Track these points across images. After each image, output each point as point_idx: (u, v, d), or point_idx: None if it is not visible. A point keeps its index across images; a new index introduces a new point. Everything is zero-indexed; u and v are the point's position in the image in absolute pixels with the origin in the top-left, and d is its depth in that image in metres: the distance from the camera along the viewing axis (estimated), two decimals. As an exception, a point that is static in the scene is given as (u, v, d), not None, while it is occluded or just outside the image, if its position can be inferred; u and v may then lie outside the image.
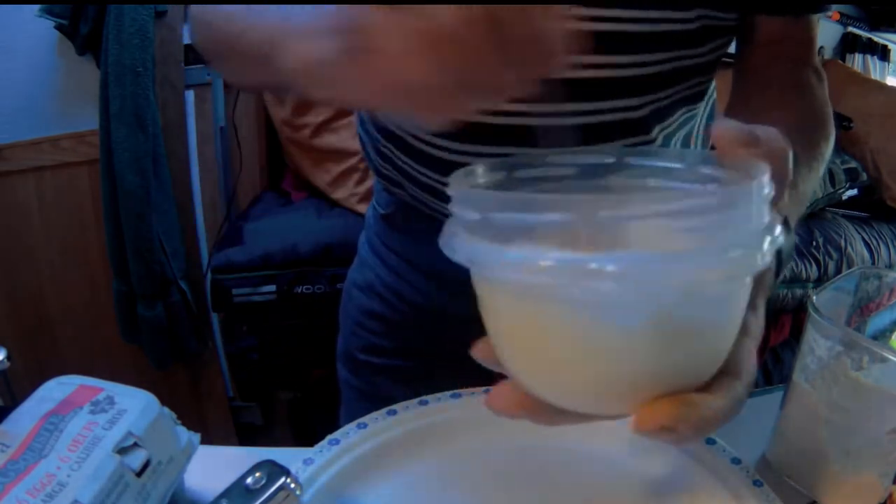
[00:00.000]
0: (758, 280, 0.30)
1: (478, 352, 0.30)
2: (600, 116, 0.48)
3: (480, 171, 0.30)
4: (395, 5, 0.24)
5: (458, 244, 0.26)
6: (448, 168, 0.53)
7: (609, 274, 0.22)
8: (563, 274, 0.23)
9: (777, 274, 0.36)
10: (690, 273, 0.23)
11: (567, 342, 0.26)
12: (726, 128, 0.29)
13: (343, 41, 0.26)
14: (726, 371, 0.28)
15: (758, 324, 0.30)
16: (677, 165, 0.31)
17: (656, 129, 0.51)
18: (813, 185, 0.45)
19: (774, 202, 0.29)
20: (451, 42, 0.24)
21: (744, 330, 0.29)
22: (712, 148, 0.30)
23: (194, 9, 0.43)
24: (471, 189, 0.26)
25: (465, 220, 0.26)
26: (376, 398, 0.51)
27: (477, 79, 0.25)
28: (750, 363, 0.29)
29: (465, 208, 0.26)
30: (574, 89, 0.47)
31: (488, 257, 0.25)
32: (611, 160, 0.32)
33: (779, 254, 0.36)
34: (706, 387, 0.27)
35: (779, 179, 0.29)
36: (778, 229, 0.25)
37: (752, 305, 0.29)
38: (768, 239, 0.24)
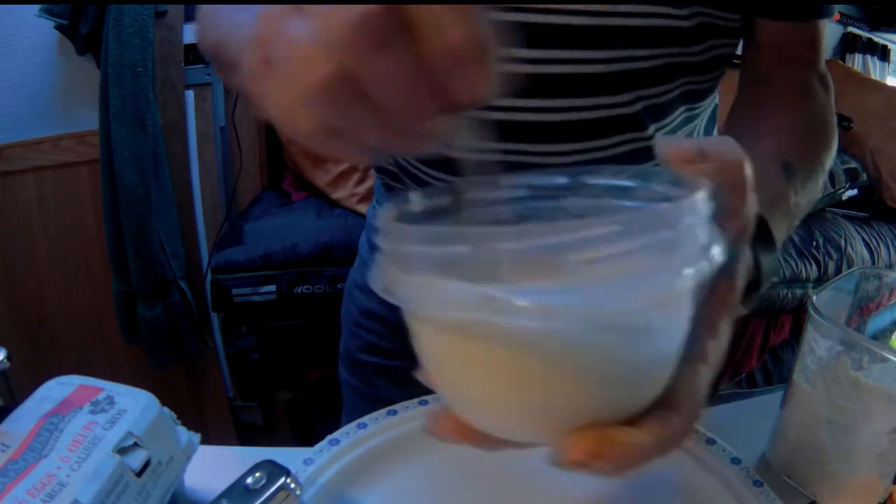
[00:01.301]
0: (719, 301, 0.28)
1: (420, 375, 0.30)
2: (590, 112, 0.48)
3: (417, 199, 0.29)
4: (299, 8, 0.22)
5: (377, 275, 0.26)
6: (445, 163, 0.53)
7: (522, 308, 0.22)
8: (473, 309, 0.22)
9: (756, 289, 0.35)
10: (607, 304, 0.22)
11: (480, 373, 0.25)
12: (669, 145, 0.28)
13: (261, 52, 0.23)
14: (664, 402, 0.26)
15: (718, 349, 0.28)
16: (631, 184, 0.30)
17: (652, 127, 0.50)
18: (811, 195, 0.44)
19: (734, 212, 0.28)
20: (347, 45, 0.21)
21: (699, 357, 0.27)
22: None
23: (199, 10, 0.43)
24: (387, 222, 0.25)
25: (384, 251, 0.26)
26: (376, 399, 0.51)
27: (384, 91, 0.22)
28: (698, 393, 0.27)
29: (384, 240, 0.26)
30: (560, 85, 0.47)
31: (400, 287, 0.24)
32: (564, 180, 0.31)
33: (757, 268, 0.34)
34: (636, 419, 0.26)
35: (735, 189, 0.28)
36: (717, 250, 0.24)
37: (710, 329, 0.28)
38: (700, 262, 0.23)
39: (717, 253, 0.24)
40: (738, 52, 0.54)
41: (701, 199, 0.24)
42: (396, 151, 0.26)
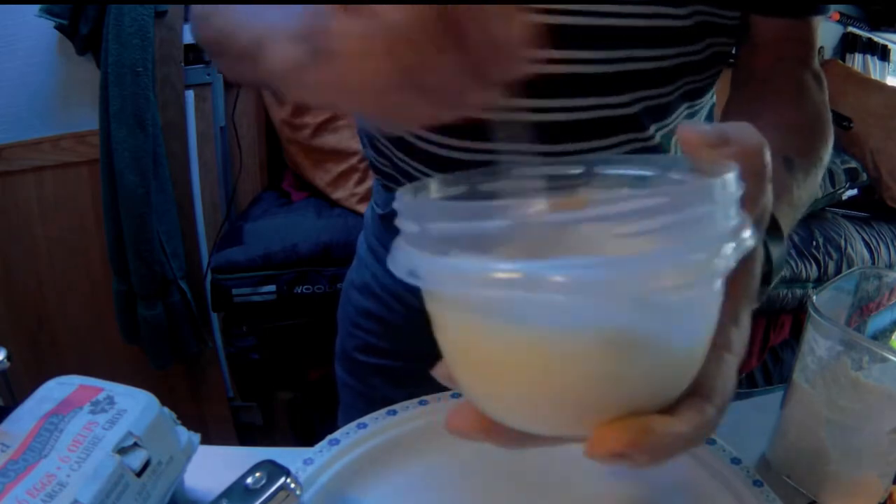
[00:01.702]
0: (740, 290, 0.28)
1: (437, 371, 0.29)
2: (591, 112, 0.48)
3: (434, 186, 0.29)
4: (351, 7, 0.24)
5: (400, 257, 0.25)
6: (443, 165, 0.53)
7: (555, 284, 0.20)
8: (505, 285, 0.21)
9: (767, 282, 0.34)
10: (643, 279, 0.21)
11: (509, 358, 0.24)
12: (692, 130, 0.27)
13: (307, 45, 0.25)
14: (696, 391, 0.26)
15: (741, 338, 0.28)
16: (649, 172, 0.29)
17: (653, 128, 0.50)
18: (811, 190, 0.44)
19: (754, 199, 0.27)
20: (404, 43, 0.23)
21: (724, 345, 0.27)
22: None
23: (195, 6, 0.43)
24: (412, 199, 0.25)
25: (407, 232, 0.25)
26: (373, 399, 0.51)
27: (434, 80, 0.25)
28: (726, 383, 0.27)
29: (406, 221, 0.25)
30: (560, 85, 0.47)
31: (426, 269, 0.23)
32: (578, 170, 0.30)
33: (769, 261, 0.34)
34: (671, 408, 0.25)
35: (755, 176, 0.27)
36: (748, 233, 0.23)
37: (732, 318, 0.27)
38: (732, 242, 0.22)
39: (749, 236, 0.23)
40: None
41: (733, 179, 0.24)
42: (441, 122, 0.27)
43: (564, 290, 0.21)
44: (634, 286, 0.21)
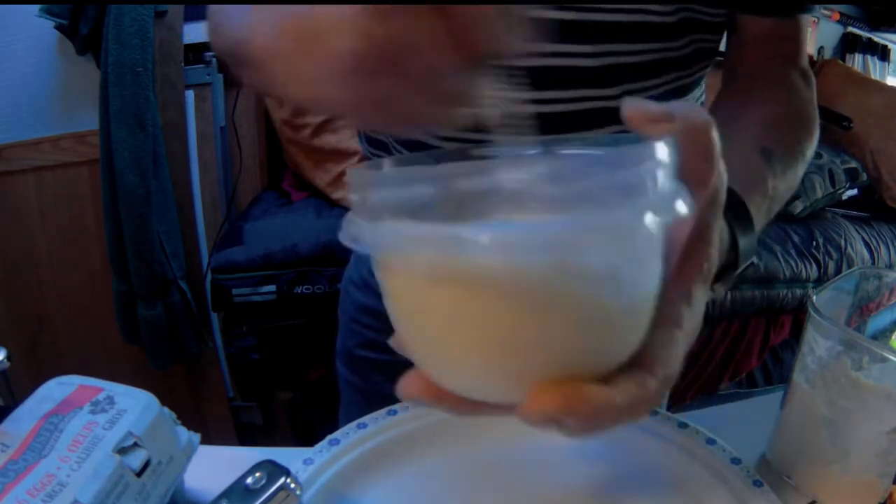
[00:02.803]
0: (693, 267, 0.28)
1: (392, 341, 0.29)
2: (577, 104, 0.48)
3: (387, 163, 0.29)
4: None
5: (344, 226, 0.25)
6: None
7: (482, 245, 0.21)
8: (436, 246, 0.22)
9: (732, 268, 0.34)
10: (564, 238, 0.22)
11: (447, 321, 0.24)
12: (635, 105, 0.27)
13: (293, 34, 0.25)
14: (638, 363, 0.25)
15: (693, 317, 0.27)
16: (604, 152, 0.29)
17: None
18: (790, 183, 0.44)
19: (702, 178, 0.27)
20: (382, 19, 0.22)
21: (673, 321, 0.27)
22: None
23: (209, 10, 0.43)
24: (359, 173, 0.25)
25: (353, 202, 0.25)
26: (374, 395, 0.51)
27: (416, 62, 0.23)
28: (671, 358, 0.26)
29: (351, 192, 0.25)
30: (547, 77, 0.47)
31: (365, 234, 0.24)
32: (535, 151, 0.31)
33: (734, 249, 0.34)
34: (610, 377, 0.25)
35: (701, 153, 0.27)
36: (679, 202, 0.23)
37: (684, 294, 0.27)
38: (660, 207, 0.23)
39: (681, 205, 0.23)
40: (721, 48, 0.55)
41: (662, 147, 0.24)
42: (432, 119, 0.26)
43: (491, 251, 0.21)
44: (556, 245, 0.22)
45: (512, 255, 0.22)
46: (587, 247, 0.22)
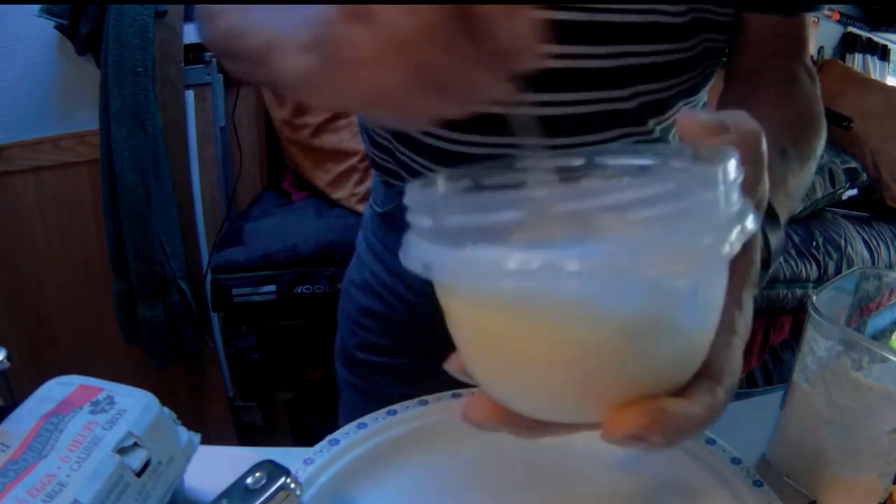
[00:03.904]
0: (741, 274, 0.28)
1: (450, 364, 0.29)
2: (589, 106, 0.48)
3: (440, 181, 0.29)
4: (357, 12, 0.24)
5: (414, 251, 0.25)
6: (447, 159, 0.53)
7: (568, 271, 0.21)
8: (520, 275, 0.22)
9: (766, 267, 0.35)
10: (653, 263, 0.22)
11: (525, 345, 0.24)
12: (692, 118, 0.28)
13: (320, 52, 0.25)
14: (706, 373, 0.26)
15: (744, 321, 0.29)
16: (649, 161, 0.29)
17: (651, 122, 0.51)
18: (805, 181, 0.45)
19: (753, 186, 0.28)
20: (416, 45, 0.24)
21: (728, 328, 0.27)
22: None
23: (201, 6, 0.43)
24: (423, 194, 0.25)
25: (420, 227, 0.25)
26: (375, 397, 0.51)
27: (448, 79, 0.25)
28: (733, 364, 0.27)
29: (419, 215, 0.25)
30: (558, 79, 0.47)
31: (442, 262, 0.24)
32: (580, 161, 0.31)
33: (767, 248, 0.35)
34: (683, 391, 0.25)
35: (753, 163, 0.28)
36: (750, 218, 0.24)
37: (736, 301, 0.28)
38: (736, 227, 0.23)
39: (751, 221, 0.24)
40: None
41: (733, 166, 0.24)
42: (453, 116, 0.28)
43: (573, 275, 0.21)
44: (645, 270, 0.22)
45: (599, 283, 0.22)
46: (675, 271, 0.23)
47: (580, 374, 0.25)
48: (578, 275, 0.21)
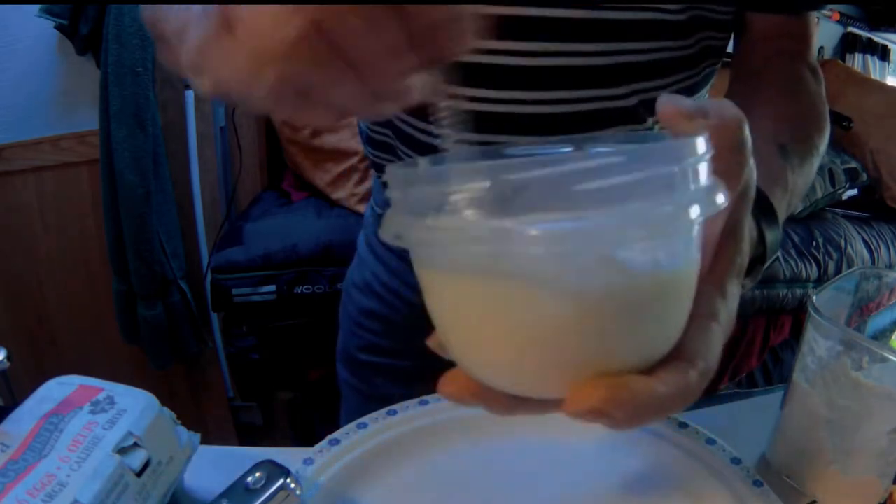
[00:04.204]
0: (726, 260, 0.28)
1: (431, 341, 0.29)
2: (587, 104, 0.48)
3: (422, 162, 0.29)
4: (227, 22, 0.22)
5: (386, 223, 0.25)
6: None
7: (528, 238, 0.21)
8: (481, 241, 0.22)
9: (761, 262, 0.35)
10: (610, 235, 0.22)
11: (492, 316, 0.24)
12: (670, 102, 0.28)
13: (216, 18, 0.23)
14: (678, 355, 0.26)
15: (727, 310, 0.28)
16: (638, 148, 0.29)
17: (650, 120, 0.51)
18: (807, 178, 0.45)
19: (735, 173, 0.28)
20: (277, 58, 0.22)
21: (709, 314, 0.27)
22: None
23: None
24: (396, 169, 0.25)
25: (394, 199, 0.25)
26: (376, 398, 0.51)
27: (357, 49, 0.22)
28: (711, 350, 0.26)
29: (392, 189, 0.25)
30: (556, 77, 0.47)
31: (408, 231, 0.24)
32: (567, 149, 0.31)
33: (763, 243, 0.35)
34: (651, 370, 0.25)
35: (734, 149, 0.28)
36: (719, 194, 0.24)
37: (719, 288, 0.28)
38: (702, 201, 0.23)
39: (720, 197, 0.24)
40: (729, 48, 0.55)
41: (701, 143, 0.24)
42: (366, 112, 0.26)
43: (535, 244, 0.21)
44: (603, 242, 0.22)
45: (559, 250, 0.22)
46: (633, 241, 0.23)
47: (542, 348, 0.24)
48: (537, 244, 0.21)
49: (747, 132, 0.28)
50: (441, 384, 0.28)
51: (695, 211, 0.23)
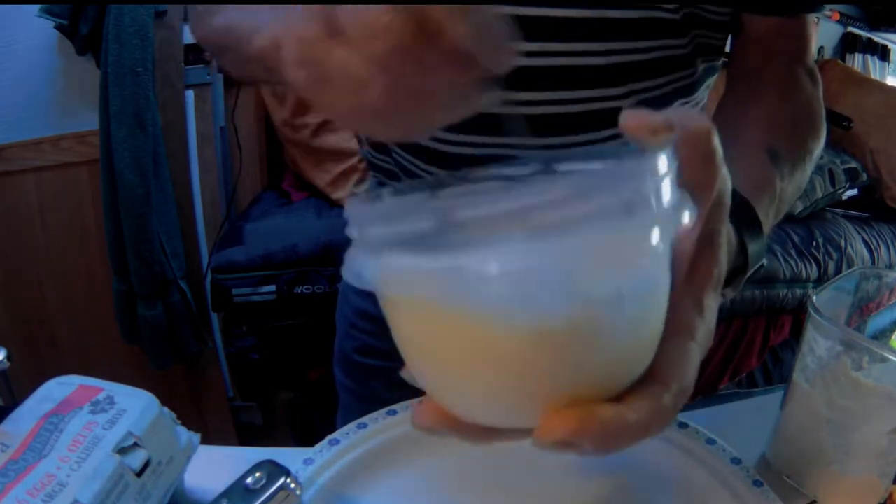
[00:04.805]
0: (703, 275, 0.27)
1: (403, 373, 0.29)
2: (584, 105, 0.48)
3: (387, 193, 0.29)
4: (333, 31, 0.25)
5: (347, 262, 0.25)
6: (442, 160, 0.53)
7: (485, 276, 0.21)
8: (439, 279, 0.22)
9: (741, 273, 0.34)
10: (570, 265, 0.21)
11: (455, 352, 0.24)
12: (634, 116, 0.27)
13: (308, 72, 0.26)
14: (651, 378, 0.25)
15: (704, 325, 0.27)
16: (601, 166, 0.28)
17: None
18: (799, 184, 0.44)
19: (706, 184, 0.27)
20: (389, 65, 0.24)
21: (685, 332, 0.26)
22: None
23: (196, 7, 0.43)
24: (356, 206, 0.25)
25: (352, 237, 0.25)
26: (372, 401, 0.51)
27: (426, 91, 0.26)
28: (686, 370, 0.26)
29: (351, 226, 0.25)
30: (554, 77, 0.47)
31: (365, 271, 0.24)
32: (535, 168, 0.30)
33: (744, 253, 0.34)
34: (623, 395, 0.24)
35: (704, 160, 0.27)
36: (684, 211, 0.23)
37: (696, 306, 0.27)
38: (664, 222, 0.22)
39: (685, 215, 0.23)
40: (726, 49, 0.55)
41: (661, 158, 0.23)
42: (439, 124, 0.28)
43: (492, 280, 0.21)
44: (558, 272, 0.22)
45: (517, 286, 0.22)
46: (593, 271, 0.22)
47: (509, 381, 0.24)
48: (494, 281, 0.21)
49: (716, 141, 0.27)
50: (414, 416, 0.28)
51: (657, 233, 0.22)
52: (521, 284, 0.22)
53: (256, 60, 0.31)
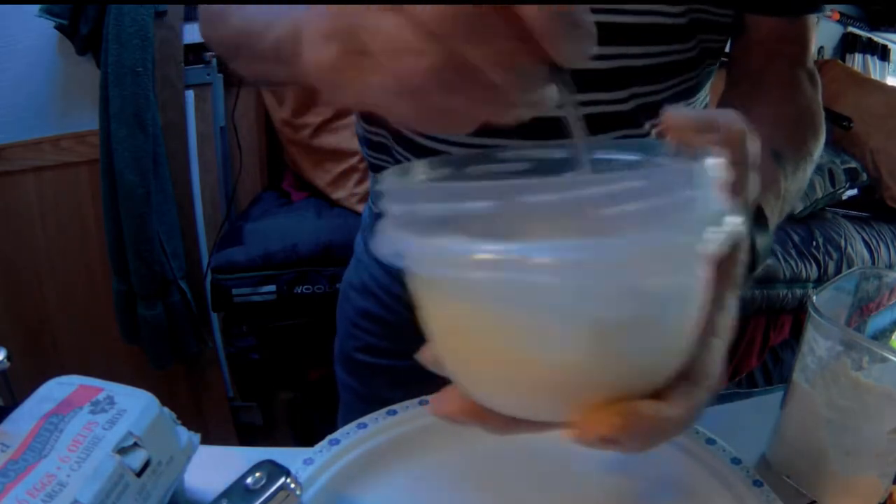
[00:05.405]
0: (726, 275, 0.28)
1: (422, 355, 0.29)
2: (585, 108, 0.48)
3: (420, 169, 0.28)
4: (386, 6, 0.23)
5: (385, 240, 0.24)
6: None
7: (540, 266, 0.20)
8: (491, 267, 0.21)
9: (751, 269, 0.34)
10: (630, 264, 0.21)
11: (496, 342, 0.24)
12: (678, 115, 0.27)
13: (344, 41, 0.24)
14: (685, 375, 0.25)
15: (726, 323, 0.28)
16: (634, 157, 0.28)
17: (647, 125, 0.51)
18: (800, 183, 0.45)
19: (739, 186, 0.27)
20: (444, 33, 0.22)
21: (709, 329, 0.26)
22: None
23: (205, 6, 0.43)
24: (399, 181, 0.24)
25: (394, 214, 0.24)
26: (374, 400, 0.51)
27: (478, 73, 0.23)
28: (714, 366, 0.26)
29: (394, 202, 0.24)
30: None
31: (413, 250, 0.23)
32: (564, 154, 0.30)
33: (753, 249, 0.34)
34: (659, 392, 0.25)
35: (738, 162, 0.27)
36: (734, 218, 0.23)
37: (718, 303, 0.27)
38: (717, 227, 0.22)
39: (738, 222, 0.23)
40: (725, 49, 0.55)
41: (716, 164, 0.23)
42: (498, 120, 0.26)
43: (549, 272, 0.21)
44: (620, 270, 0.21)
45: (576, 280, 0.21)
46: (650, 269, 0.22)
47: (552, 374, 0.24)
48: (551, 271, 0.21)
49: (751, 146, 0.28)
50: (434, 404, 0.28)
51: (711, 239, 0.22)
52: (580, 280, 0.21)
53: (271, 55, 0.30)
